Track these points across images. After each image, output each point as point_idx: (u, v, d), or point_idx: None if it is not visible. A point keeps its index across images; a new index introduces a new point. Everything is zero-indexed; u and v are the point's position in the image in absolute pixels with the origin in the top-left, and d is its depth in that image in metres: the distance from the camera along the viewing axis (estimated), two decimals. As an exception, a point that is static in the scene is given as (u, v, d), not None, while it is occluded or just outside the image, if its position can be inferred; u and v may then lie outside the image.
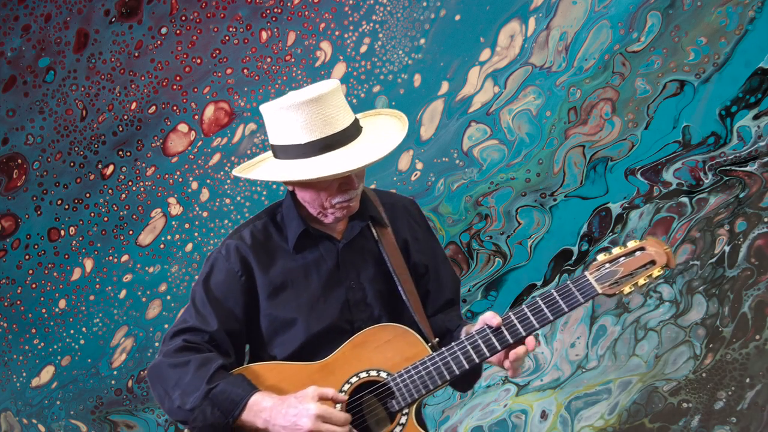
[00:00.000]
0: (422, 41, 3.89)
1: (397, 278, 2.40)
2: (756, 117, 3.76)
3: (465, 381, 2.45)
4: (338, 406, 2.25)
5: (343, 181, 2.29)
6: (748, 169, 3.79)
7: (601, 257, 2.30)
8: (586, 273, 2.29)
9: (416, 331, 2.35)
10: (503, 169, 3.90)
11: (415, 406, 2.30)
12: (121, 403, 4.11)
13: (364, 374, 2.31)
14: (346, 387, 2.29)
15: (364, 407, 2.31)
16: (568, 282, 2.30)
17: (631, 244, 2.31)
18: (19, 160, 4.08)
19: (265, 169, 2.38)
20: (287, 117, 2.27)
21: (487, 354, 2.28)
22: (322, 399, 2.21)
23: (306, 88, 2.34)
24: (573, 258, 3.90)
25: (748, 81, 3.75)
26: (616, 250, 2.31)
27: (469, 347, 2.28)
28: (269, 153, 2.42)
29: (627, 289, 2.28)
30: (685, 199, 3.84)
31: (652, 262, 2.29)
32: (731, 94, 3.77)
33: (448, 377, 2.29)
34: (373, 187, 2.60)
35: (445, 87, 3.89)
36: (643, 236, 2.34)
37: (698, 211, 3.83)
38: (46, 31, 4.03)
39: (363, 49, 3.91)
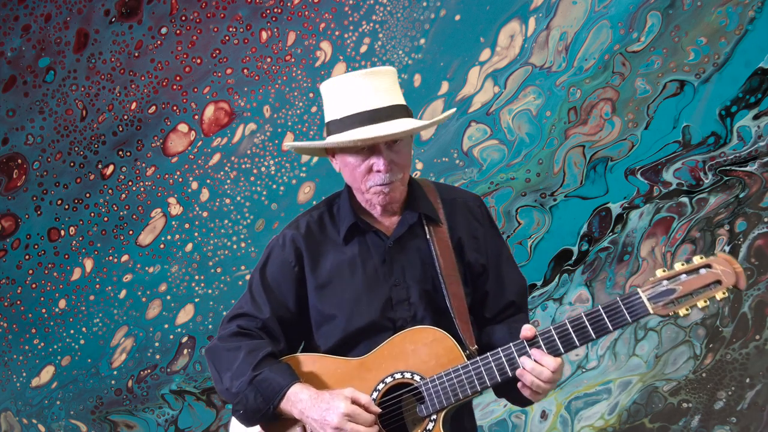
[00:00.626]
0: (422, 41, 3.89)
1: (443, 280, 2.39)
2: (756, 117, 3.76)
3: (518, 395, 2.32)
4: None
5: (372, 162, 2.32)
6: (748, 169, 3.79)
7: (659, 273, 2.10)
8: (639, 290, 2.13)
9: (455, 337, 2.33)
10: (503, 169, 3.90)
11: (444, 413, 2.30)
12: (121, 403, 4.10)
13: (398, 375, 2.32)
14: (381, 386, 2.32)
15: (402, 407, 2.32)
16: (618, 298, 2.16)
17: (697, 260, 2.10)
18: (19, 160, 4.08)
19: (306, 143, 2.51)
20: (332, 95, 2.36)
21: (521, 367, 2.23)
22: (355, 402, 2.25)
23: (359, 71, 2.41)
24: (573, 258, 3.89)
25: (748, 81, 3.75)
26: (678, 266, 2.10)
27: (503, 359, 2.26)
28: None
29: (683, 312, 2.07)
30: (685, 199, 3.84)
31: (718, 282, 2.07)
32: (731, 94, 3.77)
33: (478, 388, 2.27)
34: (434, 180, 2.59)
35: (445, 87, 3.89)
36: (713, 252, 2.09)
37: (698, 211, 3.83)
38: (46, 31, 4.03)
39: (363, 49, 3.91)
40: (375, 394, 2.30)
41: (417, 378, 2.31)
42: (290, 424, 2.33)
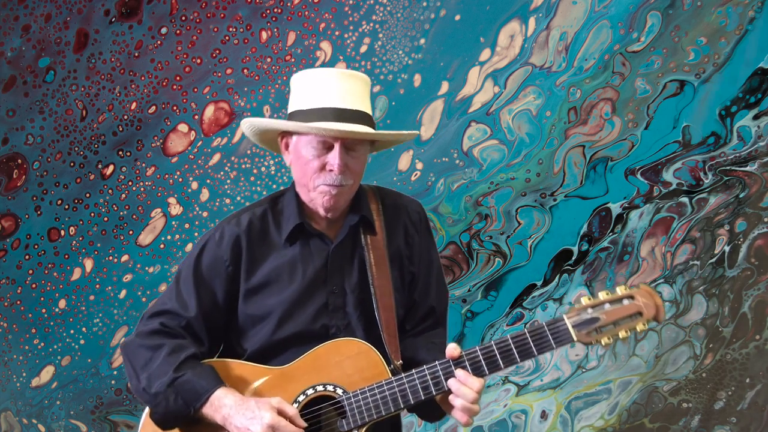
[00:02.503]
0: (422, 41, 3.89)
1: (374, 291, 2.33)
2: (756, 117, 3.76)
3: (431, 412, 2.35)
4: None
5: (327, 159, 2.26)
6: (748, 169, 3.79)
7: (584, 300, 2.13)
8: (564, 317, 2.14)
9: (381, 350, 2.29)
10: (503, 169, 3.90)
11: (365, 428, 2.25)
12: (121, 403, 4.10)
13: (320, 387, 2.27)
14: (302, 398, 2.26)
15: (322, 421, 2.26)
16: (544, 324, 2.17)
17: (620, 291, 2.13)
18: (19, 160, 4.08)
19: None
20: (302, 84, 2.31)
21: (445, 387, 2.21)
22: (281, 413, 2.19)
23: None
24: (573, 258, 3.89)
25: (748, 81, 3.75)
26: (603, 295, 2.13)
27: (428, 377, 2.22)
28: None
29: (605, 341, 2.10)
30: (685, 199, 3.84)
31: (639, 314, 2.11)
32: (731, 94, 3.77)
33: (402, 405, 2.23)
34: (374, 184, 2.55)
35: (445, 87, 3.89)
36: (629, 284, 2.10)
37: (698, 211, 3.83)
38: (46, 31, 4.03)
39: (363, 49, 3.91)
40: (295, 406, 2.24)
41: (339, 391, 2.26)
42: (212, 429, 2.23)
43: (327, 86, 2.28)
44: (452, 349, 2.21)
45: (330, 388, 2.27)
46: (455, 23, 3.86)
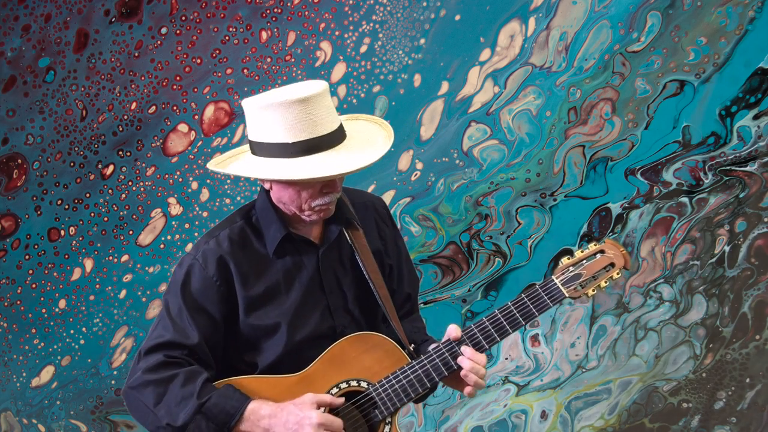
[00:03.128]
0: (422, 41, 3.89)
1: (373, 283, 2.36)
2: (756, 117, 3.76)
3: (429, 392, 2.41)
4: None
5: (327, 184, 2.22)
6: (748, 169, 3.79)
7: (565, 260, 2.34)
8: (553, 277, 2.32)
9: (393, 338, 2.32)
10: (503, 169, 3.90)
11: (397, 414, 2.30)
12: (121, 403, 4.10)
13: (344, 385, 2.28)
14: None
15: (345, 418, 2.27)
16: (537, 286, 2.32)
17: (591, 247, 2.36)
18: (19, 160, 4.07)
19: (244, 164, 2.28)
20: (273, 115, 2.18)
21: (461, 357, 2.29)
22: (321, 405, 2.20)
23: (292, 85, 2.26)
24: (573, 258, 3.89)
25: (748, 81, 3.75)
26: (578, 254, 2.36)
27: (446, 353, 2.30)
28: (244, 148, 2.34)
29: (590, 292, 2.33)
30: (685, 199, 3.84)
31: (612, 265, 2.34)
32: (731, 94, 3.77)
33: (428, 384, 2.29)
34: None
35: (445, 87, 3.89)
36: (604, 240, 2.39)
37: (698, 211, 3.83)
38: (46, 31, 4.03)
39: (363, 49, 3.91)
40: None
41: (364, 384, 2.28)
42: None
43: (304, 113, 2.18)
44: (453, 330, 2.30)
45: (354, 383, 2.29)
46: (455, 23, 3.86)
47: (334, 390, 2.27)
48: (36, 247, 4.09)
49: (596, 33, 3.80)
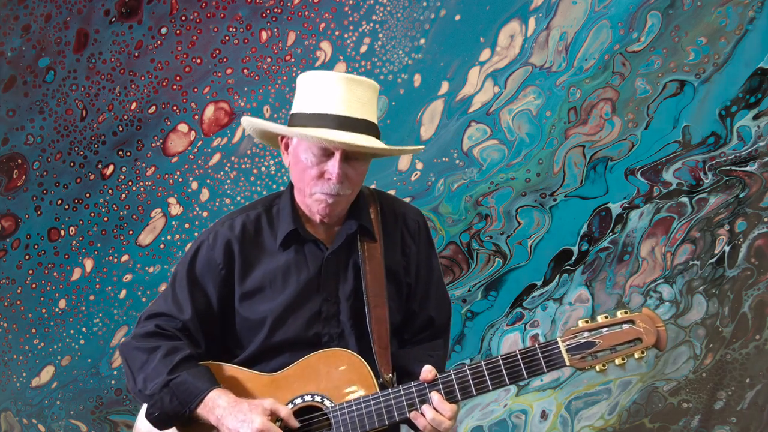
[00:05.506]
0: (422, 41, 3.89)
1: (368, 302, 2.30)
2: (756, 117, 3.76)
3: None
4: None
5: (326, 168, 2.22)
6: (748, 169, 3.79)
7: (581, 323, 2.07)
8: (559, 340, 2.10)
9: (371, 363, 2.26)
10: (503, 169, 3.90)
11: None
12: (121, 403, 4.10)
13: (308, 397, 2.26)
14: (289, 407, 2.25)
15: (309, 430, 2.25)
16: (536, 346, 2.13)
17: (620, 315, 2.06)
18: (19, 160, 4.07)
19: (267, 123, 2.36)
20: (314, 86, 2.26)
21: (419, 410, 2.19)
22: (274, 413, 2.19)
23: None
24: (573, 258, 3.89)
25: (748, 81, 3.75)
26: (601, 319, 2.06)
27: (414, 394, 2.20)
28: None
29: (599, 367, 2.06)
30: (685, 199, 3.84)
31: (639, 340, 2.04)
32: (731, 94, 3.77)
33: (386, 422, 2.21)
34: (373, 187, 2.50)
35: (445, 87, 3.89)
36: (632, 309, 2.11)
37: (698, 211, 3.83)
38: (46, 31, 4.03)
39: (363, 49, 3.91)
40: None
41: (327, 403, 2.25)
42: (206, 429, 2.24)
43: (333, 91, 2.23)
44: (427, 372, 2.19)
45: (318, 399, 2.26)
46: (455, 23, 3.86)
47: (298, 400, 2.26)
48: (36, 247, 4.09)
49: (596, 33, 3.80)
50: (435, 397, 2.18)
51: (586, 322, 2.06)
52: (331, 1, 3.91)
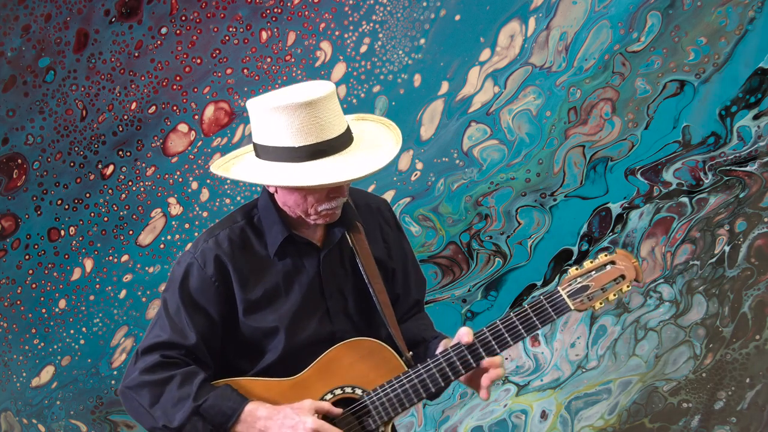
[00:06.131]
0: (422, 41, 3.89)
1: (372, 289, 2.31)
2: (756, 117, 3.76)
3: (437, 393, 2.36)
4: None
5: (334, 189, 2.19)
6: (748, 169, 3.79)
7: (572, 271, 2.26)
8: (559, 288, 2.25)
9: (391, 345, 2.29)
10: (503, 169, 3.90)
11: (391, 423, 2.26)
12: (121, 403, 4.10)
13: (338, 391, 2.26)
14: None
15: (341, 425, 2.25)
16: (541, 297, 2.25)
17: (602, 258, 2.27)
18: (19, 160, 4.08)
19: (248, 168, 2.26)
20: (279, 118, 2.15)
21: (462, 371, 2.24)
22: (319, 412, 2.19)
23: (298, 87, 2.22)
24: (573, 258, 3.90)
25: (748, 81, 3.75)
26: (587, 264, 2.27)
27: (444, 364, 2.24)
28: (247, 148, 2.32)
29: (597, 305, 2.25)
30: (685, 199, 3.84)
31: (622, 277, 2.26)
32: (731, 94, 3.77)
33: (424, 394, 2.25)
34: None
35: (445, 87, 3.89)
36: (615, 250, 2.31)
37: (698, 211, 3.84)
38: (46, 31, 4.03)
39: (363, 49, 3.91)
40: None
41: (359, 391, 2.25)
42: None
43: (305, 118, 2.13)
44: (464, 333, 2.24)
45: (349, 390, 2.26)
46: (455, 23, 3.86)
47: (329, 396, 2.25)
48: (36, 247, 4.09)
49: (596, 33, 3.80)
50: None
51: (576, 269, 2.26)
52: (331, 1, 3.91)
